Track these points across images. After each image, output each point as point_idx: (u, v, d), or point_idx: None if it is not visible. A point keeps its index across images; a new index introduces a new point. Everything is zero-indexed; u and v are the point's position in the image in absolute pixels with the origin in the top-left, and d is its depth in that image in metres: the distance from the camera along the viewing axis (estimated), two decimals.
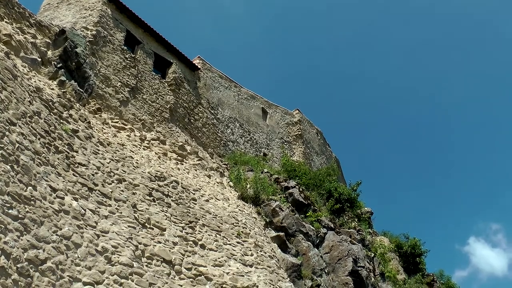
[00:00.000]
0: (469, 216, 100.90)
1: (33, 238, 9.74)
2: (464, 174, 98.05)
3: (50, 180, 11.40)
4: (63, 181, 11.96)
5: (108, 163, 14.54)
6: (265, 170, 23.68)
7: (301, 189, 22.68)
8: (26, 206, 10.02)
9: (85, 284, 10.44)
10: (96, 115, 17.95)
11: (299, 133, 34.13)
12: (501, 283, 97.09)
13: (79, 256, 10.76)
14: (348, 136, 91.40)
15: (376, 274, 21.94)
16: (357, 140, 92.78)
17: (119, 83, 20.29)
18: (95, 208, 12.38)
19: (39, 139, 12.02)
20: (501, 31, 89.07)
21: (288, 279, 17.04)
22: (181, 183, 16.98)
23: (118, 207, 13.24)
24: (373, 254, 23.32)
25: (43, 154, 11.79)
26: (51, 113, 13.67)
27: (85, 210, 11.90)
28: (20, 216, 9.67)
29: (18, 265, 9.04)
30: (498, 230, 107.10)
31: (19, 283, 8.91)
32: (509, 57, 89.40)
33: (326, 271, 19.24)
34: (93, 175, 13.33)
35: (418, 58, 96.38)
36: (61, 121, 14.00)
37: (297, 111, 35.69)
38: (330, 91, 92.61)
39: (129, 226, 12.99)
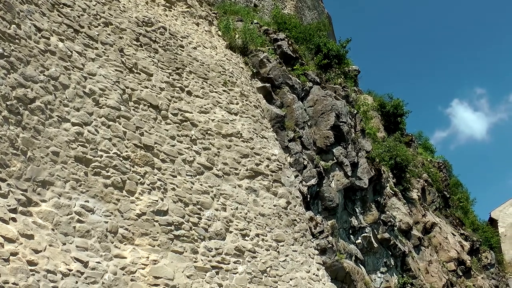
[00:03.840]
0: (455, 78, 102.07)
1: (20, 77, 9.82)
2: (455, 37, 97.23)
3: (34, 19, 11.19)
4: (48, 21, 11.75)
5: (94, 5, 14.16)
6: (255, 21, 23.20)
7: (290, 42, 22.46)
8: (11, 44, 9.95)
9: (73, 124, 10.74)
10: None
11: None
12: (478, 146, 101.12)
13: (67, 97, 10.94)
14: None
15: (357, 130, 22.59)
16: None
17: None
18: (82, 51, 12.32)
19: None
20: None
21: (272, 129, 17.60)
22: (169, 30, 16.73)
23: (105, 51, 13.17)
24: (356, 111, 23.80)
25: None
26: None
27: (71, 51, 11.84)
28: (5, 54, 9.65)
29: (8, 103, 9.23)
30: (483, 94, 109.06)
31: (10, 120, 9.17)
32: None
33: (309, 124, 19.79)
34: (78, 17, 13.04)
35: None
36: None
37: None
38: None
39: (116, 70, 13.03)
